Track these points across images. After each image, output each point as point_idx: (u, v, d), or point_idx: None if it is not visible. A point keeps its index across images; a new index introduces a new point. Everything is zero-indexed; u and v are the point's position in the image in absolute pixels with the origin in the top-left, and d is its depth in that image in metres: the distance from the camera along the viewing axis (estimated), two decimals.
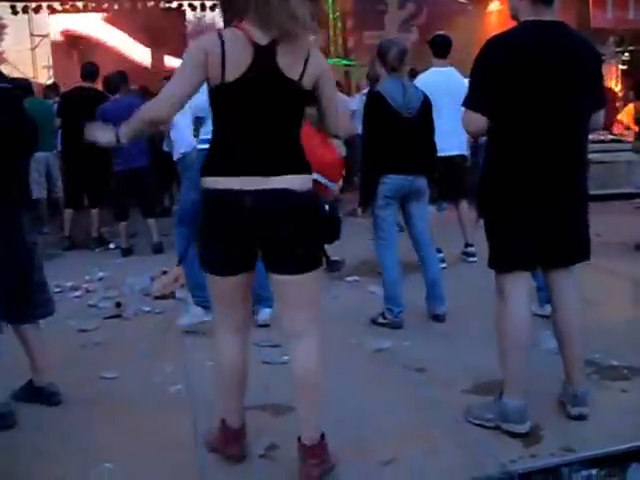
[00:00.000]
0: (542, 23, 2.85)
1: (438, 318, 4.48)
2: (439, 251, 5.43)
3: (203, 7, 15.96)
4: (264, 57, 2.42)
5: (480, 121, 2.91)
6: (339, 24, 16.38)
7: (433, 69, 5.82)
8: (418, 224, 4.54)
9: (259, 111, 2.48)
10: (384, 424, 3.11)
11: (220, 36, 2.43)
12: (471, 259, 5.98)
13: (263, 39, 2.42)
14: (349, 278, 5.59)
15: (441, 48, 5.90)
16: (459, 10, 16.02)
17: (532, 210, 2.89)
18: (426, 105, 4.46)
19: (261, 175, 2.46)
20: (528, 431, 2.94)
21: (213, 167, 2.53)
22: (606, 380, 3.50)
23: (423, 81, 5.33)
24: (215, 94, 2.48)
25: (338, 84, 10.49)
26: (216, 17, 15.16)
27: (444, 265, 5.55)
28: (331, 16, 16.33)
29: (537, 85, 2.80)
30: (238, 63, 2.40)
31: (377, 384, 3.57)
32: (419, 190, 4.45)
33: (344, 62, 15.12)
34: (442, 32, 6.22)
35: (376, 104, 4.40)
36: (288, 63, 2.45)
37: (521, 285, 2.99)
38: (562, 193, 2.92)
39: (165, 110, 2.51)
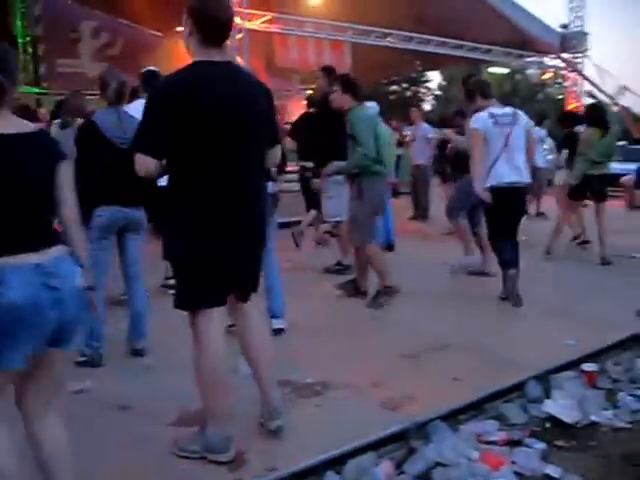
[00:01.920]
0: (211, 63, 2.91)
1: (139, 352, 4.42)
2: None
3: None
4: None
5: (150, 163, 2.88)
6: (29, 49, 15.49)
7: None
8: (131, 257, 4.44)
9: None
10: (90, 468, 2.96)
11: None
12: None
13: None
14: None
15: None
16: (154, 42, 16.11)
17: (216, 247, 2.94)
18: None
19: None
20: (232, 458, 3.02)
21: None
22: (302, 398, 3.74)
23: None
24: None
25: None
26: None
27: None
28: (20, 41, 15.38)
29: (210, 124, 2.85)
30: None
31: (80, 427, 3.37)
32: (136, 223, 4.36)
33: (35, 90, 14.31)
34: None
35: (89, 134, 4.27)
36: None
37: (214, 321, 3.02)
38: (244, 229, 3.02)
39: None
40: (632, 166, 14.80)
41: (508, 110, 5.89)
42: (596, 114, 7.99)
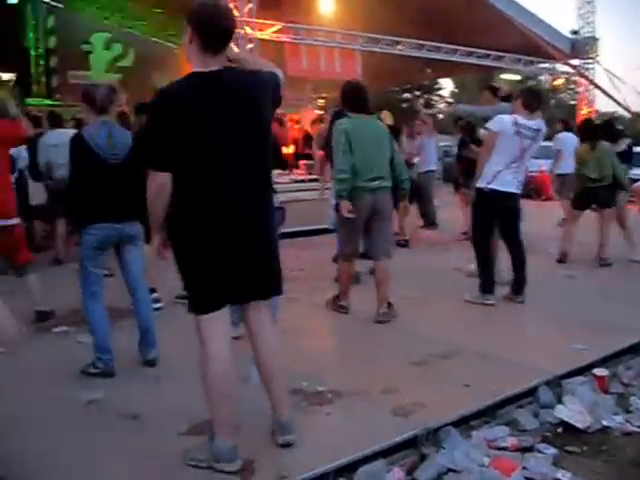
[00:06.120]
0: (207, 74, 2.88)
1: (150, 363, 4.42)
2: (154, 290, 5.35)
3: None
4: None
5: (161, 177, 2.91)
6: (42, 62, 15.65)
7: None
8: (131, 269, 4.42)
9: None
10: (103, 477, 3.01)
11: None
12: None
13: None
14: (57, 329, 5.28)
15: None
16: (166, 53, 16.24)
17: (224, 252, 2.94)
18: None
19: None
20: (240, 468, 3.01)
21: None
22: (313, 406, 3.73)
23: None
24: None
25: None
26: None
27: (160, 305, 5.51)
28: (32, 53, 15.54)
29: (204, 136, 2.85)
30: None
31: (92, 436, 3.42)
32: (131, 236, 4.32)
33: (47, 102, 14.43)
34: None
35: (78, 149, 4.24)
36: None
37: (220, 326, 3.02)
38: (250, 232, 3.00)
39: None
40: None
41: (534, 124, 5.80)
42: (586, 130, 8.04)
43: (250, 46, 11.85)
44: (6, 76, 13.70)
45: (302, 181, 10.97)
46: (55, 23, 15.66)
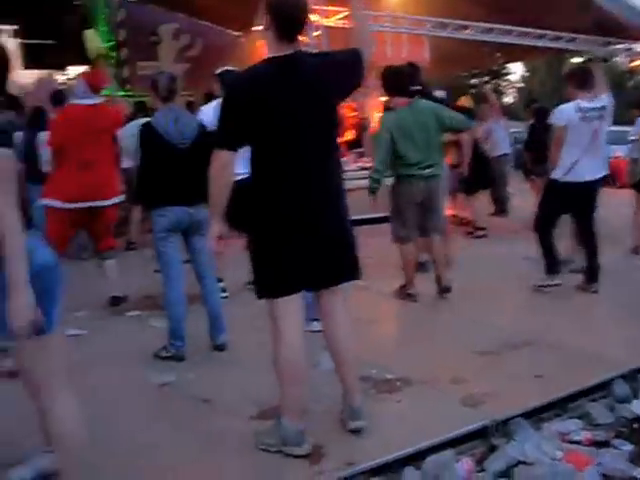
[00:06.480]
0: (280, 59, 2.95)
1: (219, 348, 4.50)
2: (220, 280, 5.43)
3: None
4: None
5: (224, 156, 2.94)
6: (112, 53, 15.99)
7: None
8: (200, 257, 4.48)
9: None
10: (174, 459, 3.07)
11: None
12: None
13: None
14: (130, 313, 5.43)
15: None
16: (232, 42, 16.35)
17: (296, 236, 2.97)
18: (204, 134, 4.39)
19: None
20: (308, 452, 3.04)
21: None
22: (382, 393, 3.73)
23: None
24: None
25: None
26: None
27: (226, 294, 5.58)
28: (104, 46, 15.88)
29: (278, 119, 2.90)
30: None
31: (164, 418, 3.51)
32: (200, 222, 4.36)
33: (120, 93, 14.75)
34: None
35: (147, 135, 4.36)
36: None
37: (293, 309, 3.04)
38: (322, 218, 3.02)
39: None
40: None
41: (596, 103, 5.65)
42: None
43: (316, 34, 11.80)
44: (80, 69, 14.03)
45: (369, 169, 10.90)
46: (126, 16, 15.99)
